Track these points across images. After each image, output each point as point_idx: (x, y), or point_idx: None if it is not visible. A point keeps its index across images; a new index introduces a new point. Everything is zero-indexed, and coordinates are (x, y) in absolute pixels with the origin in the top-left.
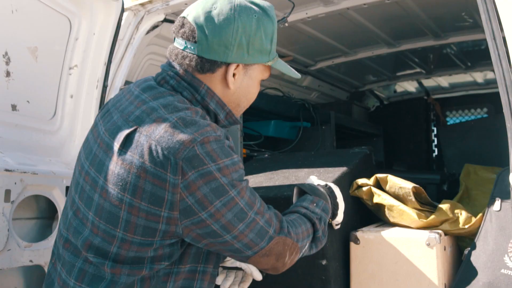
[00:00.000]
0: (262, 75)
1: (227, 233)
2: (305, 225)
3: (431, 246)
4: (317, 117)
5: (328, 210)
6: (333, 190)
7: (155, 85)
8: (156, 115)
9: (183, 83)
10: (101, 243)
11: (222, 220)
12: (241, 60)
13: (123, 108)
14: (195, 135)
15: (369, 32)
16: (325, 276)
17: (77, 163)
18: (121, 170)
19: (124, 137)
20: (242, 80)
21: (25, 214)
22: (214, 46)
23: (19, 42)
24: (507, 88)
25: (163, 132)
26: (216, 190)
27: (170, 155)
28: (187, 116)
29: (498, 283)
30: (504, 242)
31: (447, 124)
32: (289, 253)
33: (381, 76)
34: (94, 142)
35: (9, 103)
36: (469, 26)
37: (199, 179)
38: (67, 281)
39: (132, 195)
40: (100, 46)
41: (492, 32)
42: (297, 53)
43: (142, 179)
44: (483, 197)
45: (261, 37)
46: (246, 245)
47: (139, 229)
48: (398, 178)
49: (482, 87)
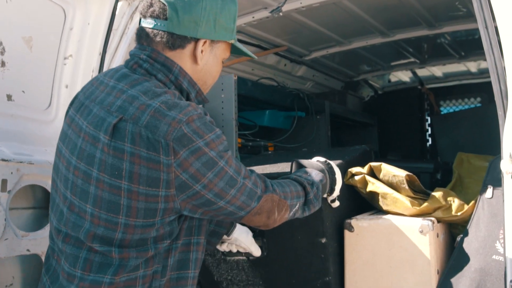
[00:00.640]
0: (224, 54)
1: (220, 199)
2: (294, 187)
3: (424, 233)
4: (311, 106)
5: (323, 180)
6: (332, 166)
7: (129, 72)
8: (138, 103)
9: (157, 65)
10: (105, 232)
11: (215, 189)
12: (209, 36)
13: (101, 99)
14: (180, 116)
15: (363, 22)
16: (324, 254)
17: (59, 160)
18: (114, 160)
19: (112, 127)
20: (208, 57)
21: (21, 203)
22: (184, 22)
23: (14, 32)
24: (499, 76)
25: (149, 118)
26: (207, 163)
27: (160, 138)
28: (168, 99)
29: (490, 268)
30: (495, 228)
31: (441, 113)
32: (278, 209)
33: (375, 66)
34: (77, 136)
35: (4, 93)
36: (462, 15)
37: (190, 156)
38: (73, 272)
39: (129, 181)
40: (94, 36)
41: (484, 21)
42: (291, 43)
43: (137, 164)
44: (475, 185)
45: (226, 16)
46: (239, 207)
47: (141, 212)
48: (392, 167)
49: (475, 77)
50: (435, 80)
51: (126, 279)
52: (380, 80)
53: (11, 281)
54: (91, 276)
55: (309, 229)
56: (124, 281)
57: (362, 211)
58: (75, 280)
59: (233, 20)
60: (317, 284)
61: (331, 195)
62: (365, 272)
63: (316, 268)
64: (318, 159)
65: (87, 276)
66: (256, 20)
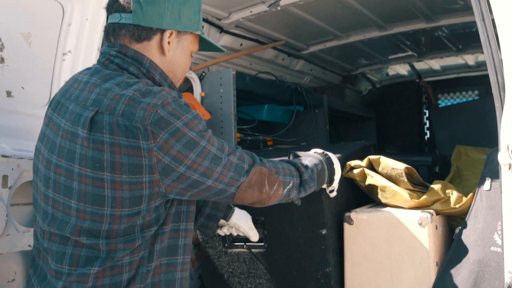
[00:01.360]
0: (192, 47)
1: (208, 178)
2: (287, 165)
3: (423, 225)
4: (310, 101)
5: (319, 166)
6: (330, 156)
7: (101, 68)
8: (112, 94)
9: (127, 59)
10: (91, 225)
11: (200, 169)
12: (174, 26)
13: (75, 96)
14: (154, 101)
15: (361, 15)
16: (324, 246)
17: (38, 160)
18: (95, 152)
19: (88, 121)
20: (176, 48)
21: (22, 199)
22: (149, 13)
23: (13, 28)
24: (496, 69)
25: (125, 106)
26: (188, 144)
27: (137, 124)
28: (141, 87)
29: (488, 260)
30: (493, 220)
31: (438, 106)
32: (268, 183)
33: (373, 60)
34: (55, 135)
35: (4, 89)
36: (460, 8)
37: (170, 138)
38: (60, 269)
39: (111, 172)
40: (93, 32)
41: (481, 14)
42: (289, 37)
43: (117, 154)
44: (473, 177)
45: (190, 8)
46: (228, 183)
47: (126, 201)
48: (391, 159)
49: (473, 70)
50: (433, 73)
51: (112, 265)
52: (378, 73)
53: (13, 276)
54: (78, 270)
55: (310, 221)
56: (110, 268)
57: (362, 203)
58: (63, 276)
59: (198, 12)
60: (317, 276)
61: (330, 185)
62: (364, 265)
63: (316, 260)
64: (316, 150)
65: (74, 271)
66: (254, 15)
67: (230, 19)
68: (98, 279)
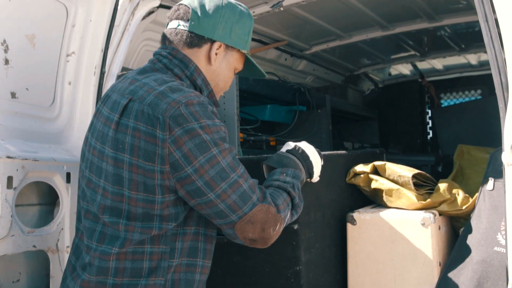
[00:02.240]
0: (237, 64)
1: (210, 190)
2: (282, 196)
3: (426, 225)
4: (312, 101)
5: (300, 174)
6: (304, 150)
7: (148, 68)
8: (148, 87)
9: (175, 61)
10: (113, 203)
11: (205, 176)
12: (224, 40)
13: (119, 88)
14: (180, 98)
15: (364, 15)
16: (295, 242)
17: (85, 147)
18: (119, 135)
19: (122, 107)
20: (222, 60)
21: (27, 200)
22: (204, 24)
23: (17, 30)
24: (499, 69)
25: (153, 98)
26: (200, 146)
27: (158, 114)
28: (174, 85)
29: (491, 260)
30: (497, 220)
31: (441, 106)
32: (273, 222)
33: (375, 59)
34: (99, 122)
35: (9, 90)
36: (462, 8)
37: (184, 134)
38: (90, 245)
39: (130, 154)
40: (97, 33)
41: (485, 14)
42: (292, 37)
43: (137, 138)
44: (476, 176)
45: (241, 28)
46: (230, 206)
47: (141, 186)
48: (397, 166)
49: (476, 69)
50: (435, 73)
51: (133, 250)
52: (380, 73)
53: (18, 277)
54: (102, 247)
55: None
56: (131, 252)
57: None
58: (91, 251)
59: (248, 33)
60: (287, 273)
61: (311, 179)
62: (367, 265)
63: (287, 256)
64: (287, 147)
65: (99, 247)
66: (256, 15)
67: None
68: (120, 261)
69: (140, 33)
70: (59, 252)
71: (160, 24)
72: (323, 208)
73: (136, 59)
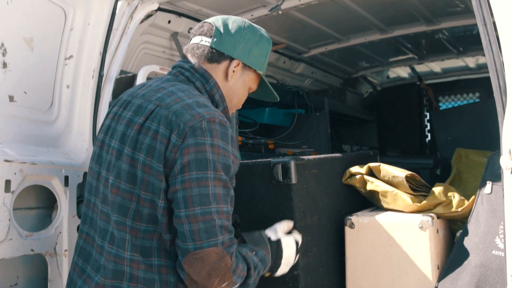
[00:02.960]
0: (251, 84)
1: (184, 207)
2: (242, 265)
3: (424, 229)
4: (311, 104)
5: (267, 262)
6: (283, 249)
7: (171, 78)
8: (176, 97)
9: (196, 75)
10: (122, 201)
11: (187, 192)
12: (242, 58)
13: (143, 94)
14: (204, 113)
15: (362, 19)
16: None
17: (101, 149)
18: (141, 136)
19: (148, 112)
20: (238, 78)
21: (25, 204)
22: (225, 41)
23: (15, 33)
24: (497, 72)
25: (180, 107)
26: (199, 162)
27: (180, 122)
28: (201, 100)
29: (490, 264)
30: (495, 224)
31: (439, 109)
32: (222, 275)
33: (374, 62)
34: (118, 124)
35: (7, 94)
36: (460, 11)
37: (193, 146)
38: (103, 245)
39: (145, 154)
40: (95, 36)
41: (483, 17)
42: (290, 40)
43: (154, 139)
44: (474, 180)
45: (260, 50)
46: (192, 232)
47: (150, 187)
48: (391, 167)
49: (474, 72)
50: (433, 75)
51: (144, 261)
52: (378, 76)
53: (16, 280)
54: (114, 250)
55: (279, 219)
56: (143, 263)
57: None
58: (103, 252)
59: (265, 56)
60: (285, 278)
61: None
62: (365, 268)
63: None
64: (273, 235)
65: (111, 249)
66: (255, 18)
67: None
68: (133, 268)
69: (138, 36)
70: (57, 256)
71: (159, 28)
72: (319, 211)
73: (134, 62)
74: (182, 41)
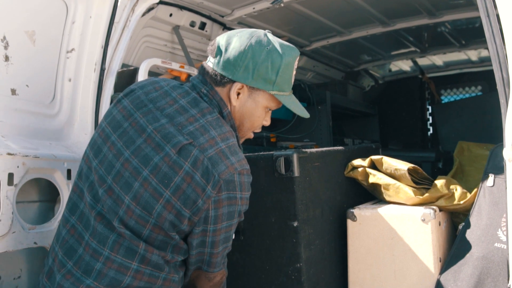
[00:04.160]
0: (268, 103)
1: (210, 248)
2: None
3: (426, 221)
4: (313, 97)
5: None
6: None
7: (198, 97)
8: (209, 137)
9: (214, 102)
10: (136, 225)
11: (216, 237)
12: (245, 81)
13: (170, 114)
14: (236, 165)
15: (364, 11)
16: (295, 239)
17: (105, 143)
18: (170, 170)
19: (180, 146)
20: (246, 101)
21: (28, 197)
22: (225, 63)
23: (17, 27)
24: (501, 64)
25: (215, 154)
26: (230, 214)
27: (215, 173)
28: (231, 143)
29: (492, 256)
30: (497, 216)
31: (441, 102)
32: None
33: (376, 56)
34: (137, 135)
35: (9, 87)
36: (463, 4)
37: (226, 200)
38: (100, 250)
39: (172, 193)
40: (96, 29)
41: (486, 9)
42: (292, 33)
43: (186, 182)
44: (476, 173)
45: (267, 67)
46: (209, 263)
47: (167, 222)
48: (393, 159)
49: (476, 65)
50: (435, 69)
51: (151, 273)
52: (380, 69)
53: (19, 273)
54: (118, 259)
55: (282, 212)
56: (149, 274)
57: (351, 200)
58: (101, 258)
59: (276, 72)
60: (288, 271)
61: None
62: (368, 261)
63: (288, 253)
64: None
65: (114, 257)
66: (256, 11)
67: (233, 16)
68: (135, 279)
69: (140, 30)
70: None
71: (160, 21)
72: (322, 204)
73: (136, 55)
74: (184, 34)
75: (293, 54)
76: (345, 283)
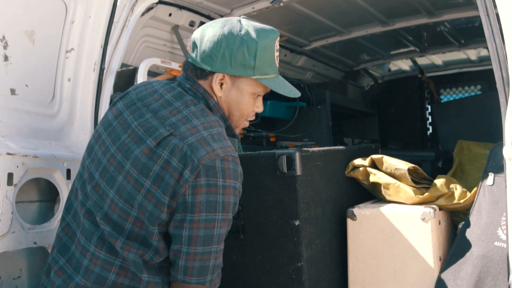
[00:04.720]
0: (253, 89)
1: (187, 244)
2: None
3: (426, 220)
4: (312, 97)
5: None
6: None
7: (183, 92)
8: (191, 126)
9: (199, 94)
10: (118, 219)
11: (194, 232)
12: (224, 70)
13: (154, 108)
14: (218, 151)
15: (363, 11)
16: (297, 238)
17: (97, 143)
18: (149, 161)
19: (161, 138)
20: (230, 90)
21: (27, 197)
22: (202, 55)
23: (16, 26)
24: (500, 63)
25: (195, 140)
26: (210, 204)
27: (195, 158)
28: (215, 131)
29: (492, 255)
30: (497, 215)
31: (441, 101)
32: None
33: (375, 55)
34: (123, 131)
35: (8, 87)
36: (462, 3)
37: (205, 186)
38: (87, 246)
39: (152, 182)
40: (96, 29)
41: (486, 9)
42: (291, 33)
43: (165, 170)
44: (476, 171)
45: (244, 53)
46: (185, 268)
47: (147, 213)
48: (394, 159)
49: (475, 65)
50: (435, 68)
51: (134, 272)
52: (380, 69)
53: (19, 273)
54: (102, 255)
55: (283, 210)
56: (133, 273)
57: (354, 199)
58: (87, 254)
59: (254, 57)
60: (289, 270)
61: None
62: (368, 260)
63: (288, 253)
64: None
65: (99, 254)
66: (256, 11)
67: (232, 15)
68: (120, 276)
69: (139, 29)
70: None
71: (159, 20)
72: (323, 203)
73: (135, 55)
74: (183, 34)
75: (270, 36)
76: (345, 282)
